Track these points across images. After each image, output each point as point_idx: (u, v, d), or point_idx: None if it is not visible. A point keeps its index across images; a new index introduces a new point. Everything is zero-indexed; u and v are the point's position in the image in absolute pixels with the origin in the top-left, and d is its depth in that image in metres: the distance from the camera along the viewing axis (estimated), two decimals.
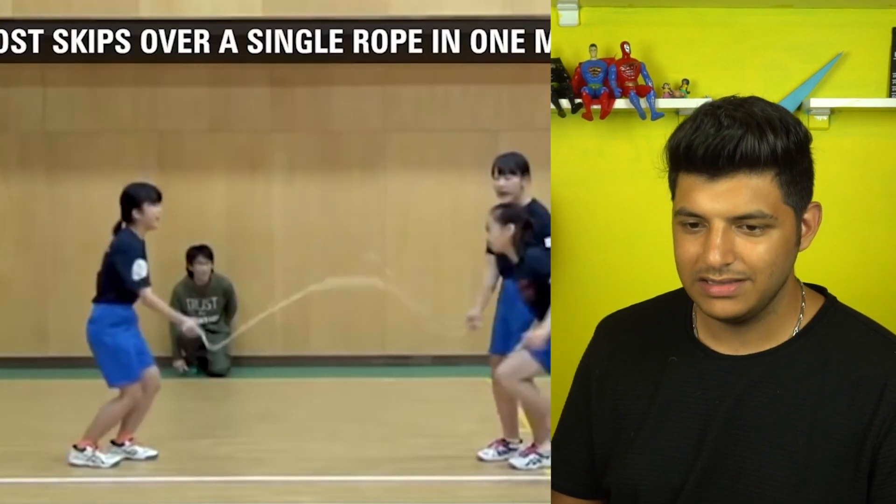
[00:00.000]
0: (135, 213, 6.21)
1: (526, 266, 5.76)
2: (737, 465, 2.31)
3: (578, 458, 2.59)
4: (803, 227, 2.31)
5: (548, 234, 5.89)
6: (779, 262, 2.24)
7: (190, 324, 6.58)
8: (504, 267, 6.12)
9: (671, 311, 2.52)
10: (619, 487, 2.48)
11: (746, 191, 2.19)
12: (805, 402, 2.28)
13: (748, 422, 2.31)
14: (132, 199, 6.23)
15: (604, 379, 2.55)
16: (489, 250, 6.22)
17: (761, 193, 2.20)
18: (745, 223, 2.21)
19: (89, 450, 6.13)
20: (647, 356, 2.49)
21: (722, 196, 2.20)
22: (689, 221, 2.25)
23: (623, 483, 2.46)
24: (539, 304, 5.70)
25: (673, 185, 2.32)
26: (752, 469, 2.29)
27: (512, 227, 5.83)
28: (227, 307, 10.01)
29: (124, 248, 6.17)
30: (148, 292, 6.19)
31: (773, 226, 2.22)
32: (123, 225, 6.25)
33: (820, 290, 2.46)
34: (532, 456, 6.11)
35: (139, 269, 6.13)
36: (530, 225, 5.85)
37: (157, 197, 6.28)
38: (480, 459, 6.05)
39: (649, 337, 2.52)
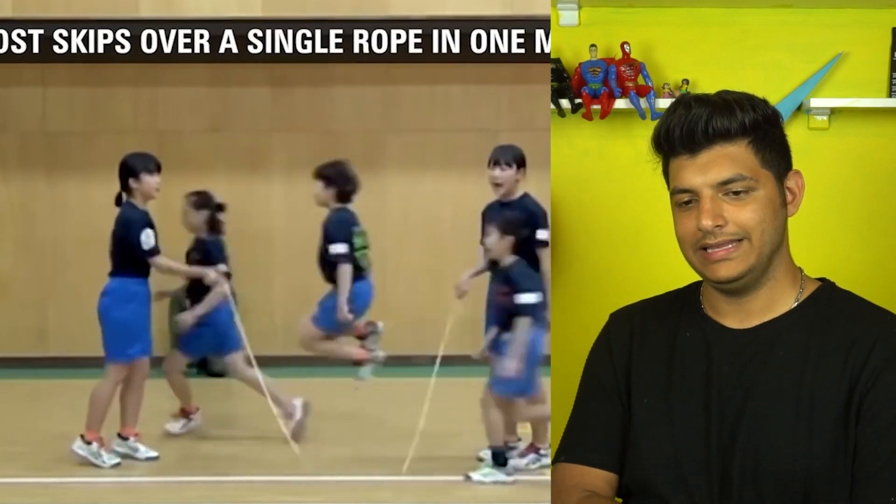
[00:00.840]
0: (132, 183, 6.25)
1: (508, 276, 5.76)
2: (746, 424, 2.44)
3: (614, 428, 2.64)
4: (788, 195, 2.52)
5: (541, 227, 5.89)
6: (768, 220, 2.45)
7: (213, 276, 6.61)
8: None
9: (681, 297, 2.69)
10: (633, 462, 2.58)
11: (725, 159, 2.44)
12: (807, 362, 2.44)
13: (755, 383, 2.46)
14: (129, 169, 6.29)
15: (621, 357, 2.66)
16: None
17: (739, 160, 2.44)
18: (729, 189, 2.43)
19: (95, 445, 6.14)
20: (659, 335, 2.63)
21: (704, 167, 2.44)
22: (683, 200, 2.47)
23: (643, 459, 2.55)
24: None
25: (666, 175, 2.54)
26: (758, 426, 2.43)
27: (511, 238, 5.82)
28: None
29: (127, 222, 6.22)
30: (158, 259, 6.22)
31: (756, 188, 2.44)
32: (124, 197, 6.30)
33: (820, 280, 2.62)
34: (532, 456, 6.11)
35: (147, 238, 6.17)
36: (525, 234, 5.83)
37: (155, 167, 6.31)
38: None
39: (662, 318, 2.66)
